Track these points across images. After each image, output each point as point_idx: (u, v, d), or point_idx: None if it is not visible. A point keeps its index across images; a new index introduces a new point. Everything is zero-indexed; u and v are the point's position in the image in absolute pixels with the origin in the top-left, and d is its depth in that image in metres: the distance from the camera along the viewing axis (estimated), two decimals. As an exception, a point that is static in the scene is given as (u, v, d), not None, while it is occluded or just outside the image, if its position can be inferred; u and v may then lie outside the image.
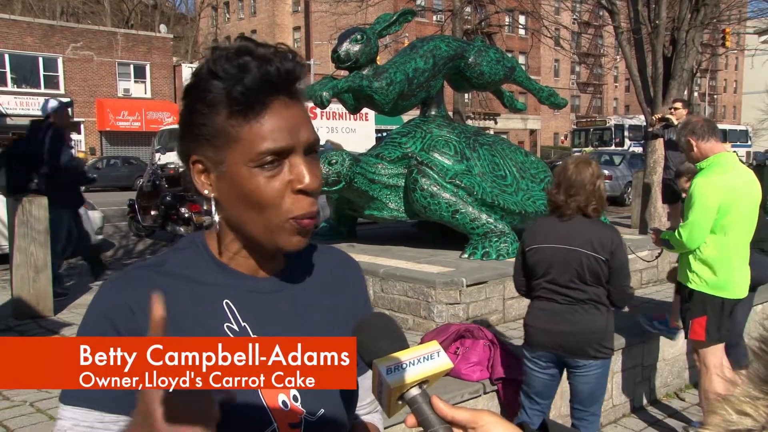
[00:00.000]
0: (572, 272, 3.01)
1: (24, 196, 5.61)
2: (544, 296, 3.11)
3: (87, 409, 0.87)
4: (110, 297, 0.91)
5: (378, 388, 0.79)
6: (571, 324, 3.04)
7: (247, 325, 0.94)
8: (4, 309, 5.89)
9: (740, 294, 3.63)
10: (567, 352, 3.08)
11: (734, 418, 0.54)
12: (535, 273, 3.13)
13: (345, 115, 21.43)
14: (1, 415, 3.49)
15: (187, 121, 0.92)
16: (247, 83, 0.86)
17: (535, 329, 3.15)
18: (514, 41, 43.10)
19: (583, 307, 3.04)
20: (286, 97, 0.90)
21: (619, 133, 30.24)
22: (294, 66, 0.90)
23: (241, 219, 0.92)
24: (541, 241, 3.09)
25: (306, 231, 0.92)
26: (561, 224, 3.07)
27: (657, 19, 9.73)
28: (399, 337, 0.83)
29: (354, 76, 5.65)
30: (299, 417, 0.94)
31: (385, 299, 5.07)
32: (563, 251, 3.03)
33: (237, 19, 55.48)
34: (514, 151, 6.42)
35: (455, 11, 19.28)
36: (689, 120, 3.75)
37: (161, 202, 10.39)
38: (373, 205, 5.78)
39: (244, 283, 0.97)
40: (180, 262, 0.96)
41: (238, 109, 0.87)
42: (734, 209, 3.48)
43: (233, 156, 0.88)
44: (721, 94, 68.33)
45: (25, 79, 28.39)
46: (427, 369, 0.79)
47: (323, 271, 1.07)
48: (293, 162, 0.90)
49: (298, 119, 0.91)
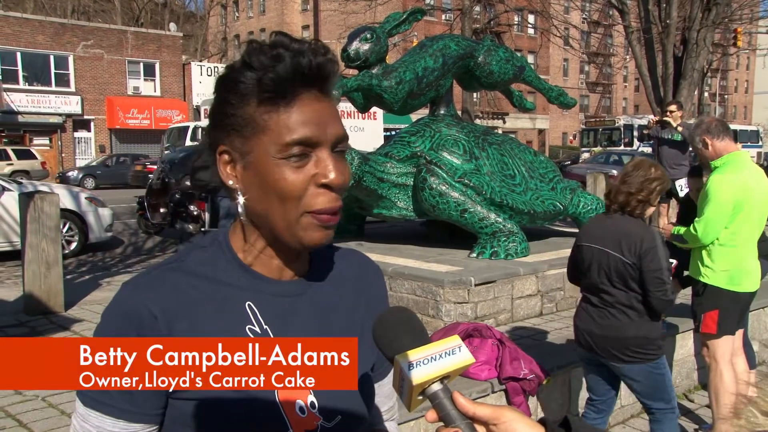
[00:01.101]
0: (603, 274, 2.99)
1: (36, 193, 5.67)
2: (584, 294, 3.14)
3: (112, 419, 0.87)
4: (130, 300, 0.89)
5: (399, 383, 0.79)
6: (599, 327, 3.02)
7: (268, 328, 0.93)
8: (16, 304, 5.94)
9: (752, 287, 3.70)
10: (594, 353, 3.08)
11: (760, 420, 0.54)
12: (580, 270, 3.15)
13: (354, 113, 21.43)
14: (14, 409, 3.53)
15: (218, 111, 0.92)
16: (279, 72, 0.86)
17: (574, 326, 3.19)
18: (523, 40, 42.96)
19: (610, 311, 3.00)
20: (317, 91, 0.90)
21: (628, 133, 30.10)
22: (326, 61, 0.90)
23: (264, 212, 0.91)
24: (584, 240, 3.10)
25: (327, 226, 0.91)
26: (602, 223, 3.07)
27: (668, 18, 9.69)
28: (420, 332, 0.82)
29: (363, 75, 5.66)
30: (316, 424, 0.93)
31: (394, 298, 5.08)
32: (597, 252, 3.01)
33: (246, 18, 55.59)
34: (523, 151, 6.41)
35: (464, 10, 19.25)
36: (702, 120, 3.83)
37: (170, 199, 10.43)
38: (382, 203, 5.78)
39: (267, 286, 0.96)
40: (201, 260, 0.95)
41: (268, 96, 0.87)
42: (747, 206, 3.56)
43: (260, 146, 0.88)
44: (732, 94, 67.87)
45: (37, 77, 28.57)
46: (448, 364, 0.78)
47: (345, 275, 1.06)
48: (320, 156, 0.89)
49: (328, 114, 0.91)
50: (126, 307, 0.89)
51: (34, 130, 28.82)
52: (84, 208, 9.30)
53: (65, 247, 8.77)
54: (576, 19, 30.12)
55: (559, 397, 4.02)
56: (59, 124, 29.16)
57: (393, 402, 1.15)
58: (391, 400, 1.14)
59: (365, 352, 1.00)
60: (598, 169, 15.00)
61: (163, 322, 0.87)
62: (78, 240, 9.31)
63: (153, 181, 11.12)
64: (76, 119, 29.66)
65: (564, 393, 4.06)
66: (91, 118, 30.01)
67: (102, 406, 0.87)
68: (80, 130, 30.08)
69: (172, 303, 0.89)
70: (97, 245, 9.79)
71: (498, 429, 0.77)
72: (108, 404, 0.86)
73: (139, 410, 0.87)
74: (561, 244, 6.24)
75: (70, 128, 29.62)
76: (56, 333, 5.08)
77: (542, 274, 5.31)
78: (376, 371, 1.07)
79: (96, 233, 9.43)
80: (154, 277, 0.92)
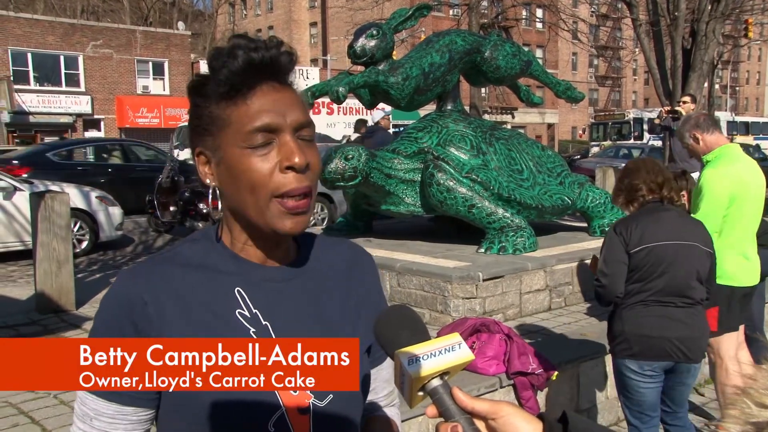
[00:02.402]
0: (693, 270, 2.78)
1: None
2: (656, 300, 2.80)
3: (107, 402, 0.92)
4: (124, 288, 0.95)
5: (400, 379, 0.81)
6: (690, 328, 2.80)
7: (258, 312, 0.97)
8: (28, 303, 6.00)
9: (751, 282, 3.67)
10: (687, 358, 2.82)
11: (754, 411, 0.54)
12: (645, 276, 2.79)
13: (362, 110, 21.43)
14: (26, 406, 3.57)
15: (191, 116, 0.98)
16: (232, 68, 0.91)
17: (652, 339, 2.79)
18: (532, 35, 42.76)
19: (696, 308, 2.83)
20: (275, 82, 0.95)
21: (638, 127, 29.89)
22: (279, 53, 0.95)
23: (238, 203, 0.95)
24: (655, 239, 2.78)
25: (296, 212, 0.94)
26: (665, 217, 2.84)
27: (676, 10, 9.63)
28: (421, 329, 0.84)
29: (370, 72, 5.66)
30: (308, 402, 0.95)
31: (402, 294, 5.08)
32: (681, 247, 2.78)
33: (254, 15, 55.66)
34: (531, 146, 6.40)
35: (471, 5, 19.18)
36: (690, 115, 3.84)
37: (180, 197, 10.49)
38: (390, 199, 5.79)
39: (255, 271, 0.99)
40: (193, 252, 1.00)
41: (224, 91, 0.92)
42: (740, 199, 3.54)
43: (226, 140, 0.93)
44: (743, 85, 67.27)
45: (47, 78, 28.74)
46: (448, 360, 0.80)
47: (335, 262, 1.09)
48: (282, 141, 0.93)
49: (288, 101, 0.95)
50: (119, 294, 0.95)
51: (45, 130, 28.99)
52: (94, 207, 9.36)
53: (76, 246, 8.83)
54: (584, 12, 29.95)
55: (568, 391, 4.02)
56: (70, 124, 29.33)
57: (392, 387, 1.17)
58: (390, 385, 1.16)
59: (360, 336, 1.03)
60: (607, 163, 14.92)
61: (153, 307, 0.92)
62: (89, 239, 9.37)
63: (162, 179, 11.17)
64: (86, 119, 29.83)
65: (573, 387, 4.06)
66: (101, 117, 30.16)
67: (97, 390, 0.92)
68: (90, 130, 30.23)
69: (162, 290, 0.94)
70: (107, 244, 9.85)
71: (496, 423, 0.79)
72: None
73: (132, 395, 0.92)
74: (569, 239, 6.23)
75: (80, 128, 29.78)
76: (67, 331, 5.12)
77: (551, 269, 5.30)
78: (374, 356, 1.09)
79: (106, 232, 9.50)
80: (145, 266, 0.98)
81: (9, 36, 27.50)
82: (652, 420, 2.96)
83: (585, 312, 5.28)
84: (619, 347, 2.91)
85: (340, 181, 5.31)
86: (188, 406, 0.91)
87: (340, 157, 5.25)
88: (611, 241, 2.88)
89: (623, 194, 3.00)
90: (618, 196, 3.05)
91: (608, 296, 2.88)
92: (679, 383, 2.93)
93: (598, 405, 4.18)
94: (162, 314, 0.92)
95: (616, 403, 4.12)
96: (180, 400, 0.91)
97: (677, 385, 2.94)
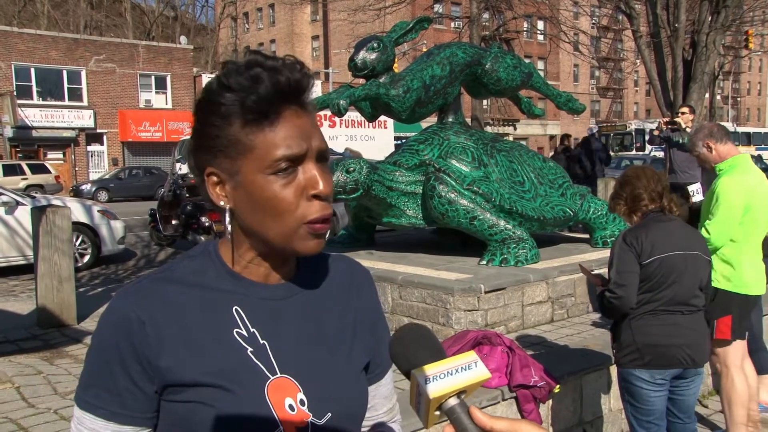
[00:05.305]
0: (697, 279, 2.82)
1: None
2: (664, 310, 2.81)
3: (104, 421, 0.91)
4: (122, 309, 0.93)
5: (416, 399, 0.80)
6: (696, 334, 2.85)
7: (256, 331, 0.96)
8: (29, 318, 5.99)
9: (760, 290, 3.70)
10: (694, 363, 2.85)
11: None
12: (655, 286, 2.80)
13: (363, 123, 21.48)
14: (26, 422, 3.56)
15: (201, 134, 0.94)
16: (261, 93, 0.89)
17: (663, 347, 2.81)
18: (533, 47, 42.96)
19: (698, 314, 2.88)
20: (297, 107, 0.93)
21: (639, 138, 29.96)
22: (302, 77, 0.93)
23: (258, 227, 0.93)
24: (665, 250, 2.79)
25: (321, 234, 0.94)
26: (671, 227, 2.86)
27: (676, 22, 9.66)
28: (436, 347, 0.83)
29: (371, 84, 5.67)
30: (306, 421, 0.94)
31: (404, 306, 5.07)
32: (690, 257, 2.82)
33: (256, 29, 56.01)
34: (532, 157, 6.40)
35: (473, 18, 19.28)
36: (703, 125, 3.89)
37: (182, 211, 10.50)
38: (391, 212, 5.78)
39: (254, 290, 0.98)
40: (191, 269, 0.98)
41: (252, 118, 0.89)
42: (756, 208, 3.58)
43: (248, 165, 0.90)
44: (744, 96, 67.39)
45: (50, 92, 28.92)
46: (464, 379, 0.79)
47: (333, 278, 1.08)
48: (306, 168, 0.92)
49: (309, 127, 0.93)
50: (116, 314, 0.93)
51: (48, 145, 29.17)
52: (96, 221, 9.38)
53: (78, 260, 8.85)
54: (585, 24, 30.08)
55: (571, 404, 3.99)
56: (72, 138, 29.48)
57: (392, 403, 1.16)
58: (390, 401, 1.15)
59: (358, 353, 1.04)
60: (609, 174, 14.92)
61: (151, 327, 0.91)
62: (91, 253, 9.38)
63: (164, 193, 11.20)
64: (89, 133, 29.97)
65: (576, 399, 4.03)
66: (103, 131, 30.31)
67: (94, 409, 0.92)
68: (93, 144, 30.38)
69: (160, 309, 0.93)
70: (109, 258, 9.86)
71: None
72: (100, 407, 0.91)
73: (129, 413, 0.91)
74: (571, 250, 6.21)
75: (83, 142, 29.93)
76: (69, 346, 5.11)
77: (553, 281, 5.28)
78: (372, 372, 1.09)
79: (109, 246, 9.50)
80: (142, 285, 0.96)
81: (12, 51, 27.71)
82: (660, 429, 2.96)
83: (588, 324, 5.25)
84: (628, 357, 2.89)
85: (341, 194, 5.31)
86: (186, 424, 0.90)
87: (341, 170, 5.25)
88: (623, 252, 2.85)
89: (625, 204, 3.00)
90: (618, 205, 3.04)
91: (624, 308, 2.85)
92: (685, 389, 2.95)
93: (602, 417, 4.15)
94: (159, 334, 0.91)
95: (620, 415, 4.09)
96: (178, 418, 0.91)
97: (684, 392, 2.95)
